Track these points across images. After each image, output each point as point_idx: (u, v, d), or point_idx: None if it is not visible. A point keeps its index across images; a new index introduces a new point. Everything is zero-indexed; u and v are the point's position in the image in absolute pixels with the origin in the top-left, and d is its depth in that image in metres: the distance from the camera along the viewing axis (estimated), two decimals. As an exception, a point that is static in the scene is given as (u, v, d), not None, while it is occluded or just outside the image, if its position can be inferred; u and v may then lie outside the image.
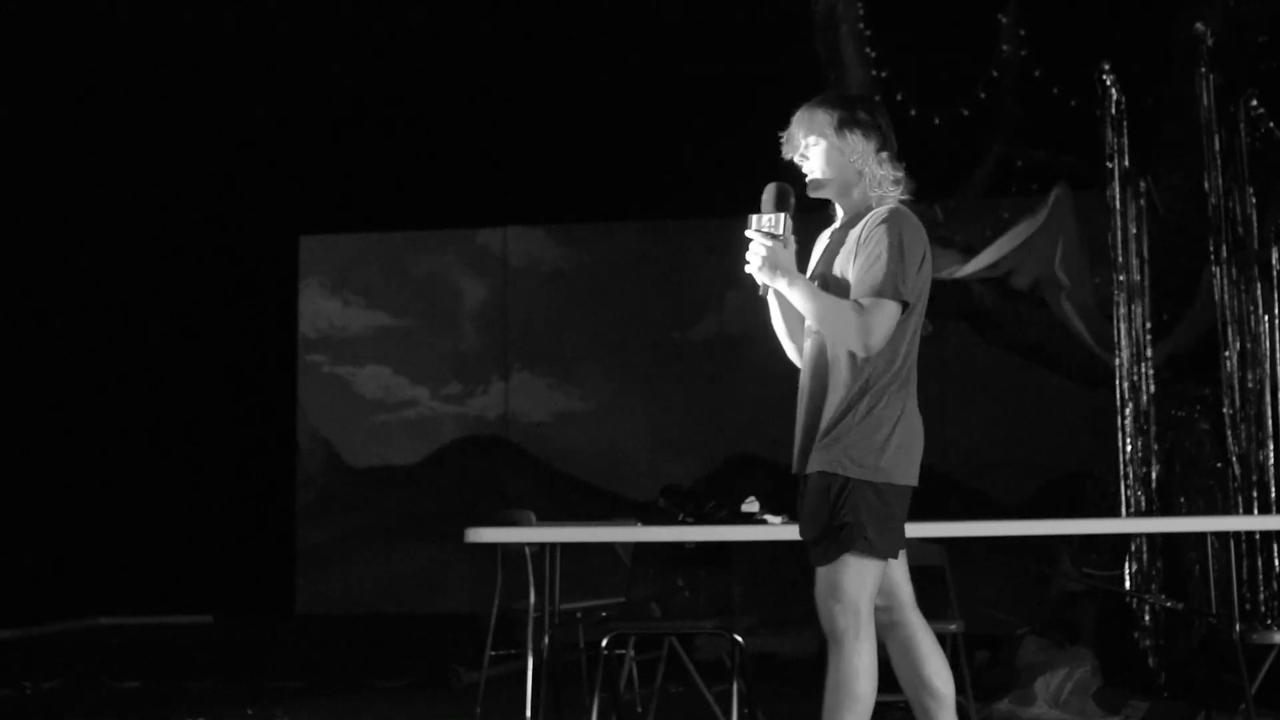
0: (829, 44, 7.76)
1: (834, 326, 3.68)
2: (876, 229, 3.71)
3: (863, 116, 3.85)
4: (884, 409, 3.69)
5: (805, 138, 3.88)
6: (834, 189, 3.89)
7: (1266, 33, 7.23)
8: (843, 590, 3.65)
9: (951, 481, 10.38)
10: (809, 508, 3.70)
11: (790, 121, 3.92)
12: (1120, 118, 6.90)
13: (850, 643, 3.66)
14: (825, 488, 3.65)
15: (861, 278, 3.68)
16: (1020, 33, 8.09)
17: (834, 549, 3.64)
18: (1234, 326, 6.73)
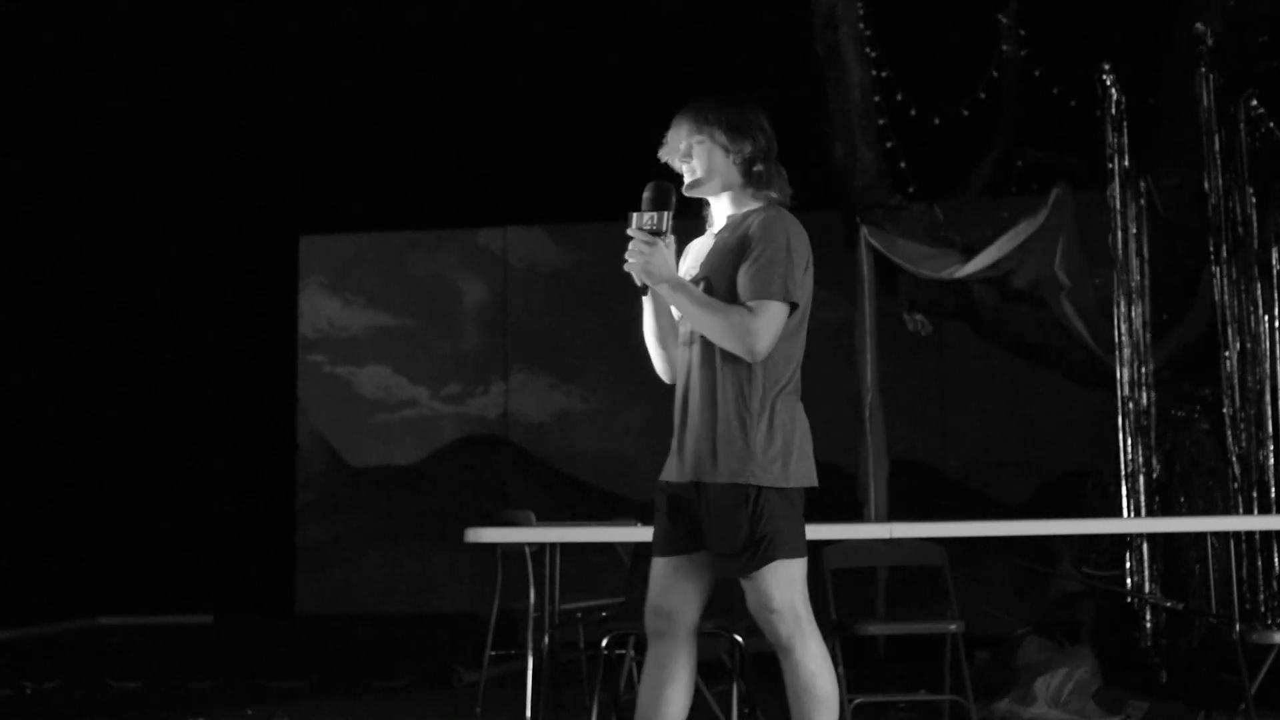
0: (829, 44, 7.76)
1: (720, 330, 3.61)
2: (763, 231, 3.68)
3: (750, 118, 3.87)
4: (781, 414, 3.68)
5: (690, 137, 3.84)
6: (716, 189, 3.85)
7: (1266, 33, 7.23)
8: (775, 599, 3.63)
9: (951, 481, 10.38)
10: (721, 521, 3.62)
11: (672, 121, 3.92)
12: (1120, 118, 6.90)
13: (799, 647, 3.64)
14: (740, 500, 3.61)
15: (749, 280, 3.64)
16: (1020, 33, 8.09)
17: (759, 559, 3.61)
18: (1234, 326, 6.73)
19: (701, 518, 3.67)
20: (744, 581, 3.65)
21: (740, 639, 5.13)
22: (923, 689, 6.13)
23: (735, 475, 3.61)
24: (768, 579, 3.61)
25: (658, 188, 3.76)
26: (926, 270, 7.50)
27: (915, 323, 7.88)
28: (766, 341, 3.60)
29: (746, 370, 3.64)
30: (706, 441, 3.65)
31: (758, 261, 3.64)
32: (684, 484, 3.68)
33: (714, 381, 3.66)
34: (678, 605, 3.78)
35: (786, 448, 3.66)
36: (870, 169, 7.78)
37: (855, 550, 5.72)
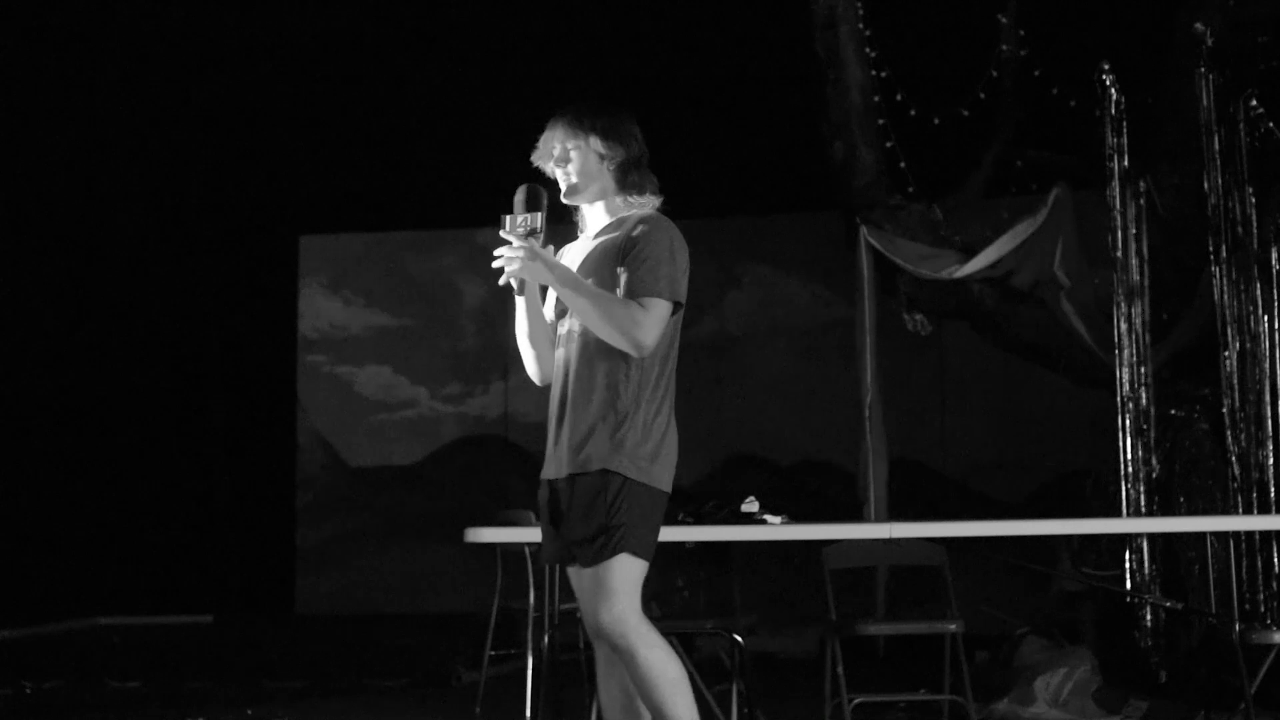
0: (829, 44, 7.76)
1: (608, 322, 3.61)
2: (645, 233, 3.70)
3: (624, 125, 3.86)
4: (656, 415, 3.68)
5: (566, 143, 3.83)
6: (592, 195, 3.85)
7: (1266, 33, 7.23)
8: (614, 591, 3.60)
9: (951, 481, 10.38)
10: (581, 506, 3.64)
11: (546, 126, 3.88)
12: (1120, 118, 6.90)
13: (634, 639, 3.60)
14: (603, 487, 3.61)
15: (633, 277, 3.65)
16: (1020, 33, 8.09)
17: (608, 549, 3.60)
18: (1234, 326, 6.73)
19: (560, 514, 3.72)
20: (586, 572, 3.63)
21: (740, 639, 5.13)
22: (923, 689, 6.13)
23: (604, 463, 3.62)
24: (614, 570, 3.60)
25: (530, 190, 3.78)
26: (926, 270, 7.51)
27: (915, 323, 7.88)
28: (653, 336, 3.62)
29: (623, 367, 3.65)
30: (581, 435, 3.67)
31: (643, 260, 3.67)
32: (561, 479, 3.71)
33: (591, 378, 3.68)
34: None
35: (655, 449, 3.66)
36: (870, 169, 7.78)
37: (855, 550, 5.72)
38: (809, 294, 11.01)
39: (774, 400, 11.05)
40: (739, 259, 11.29)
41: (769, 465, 10.94)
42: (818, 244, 9.96)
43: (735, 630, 5.14)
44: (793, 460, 10.88)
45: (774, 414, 11.03)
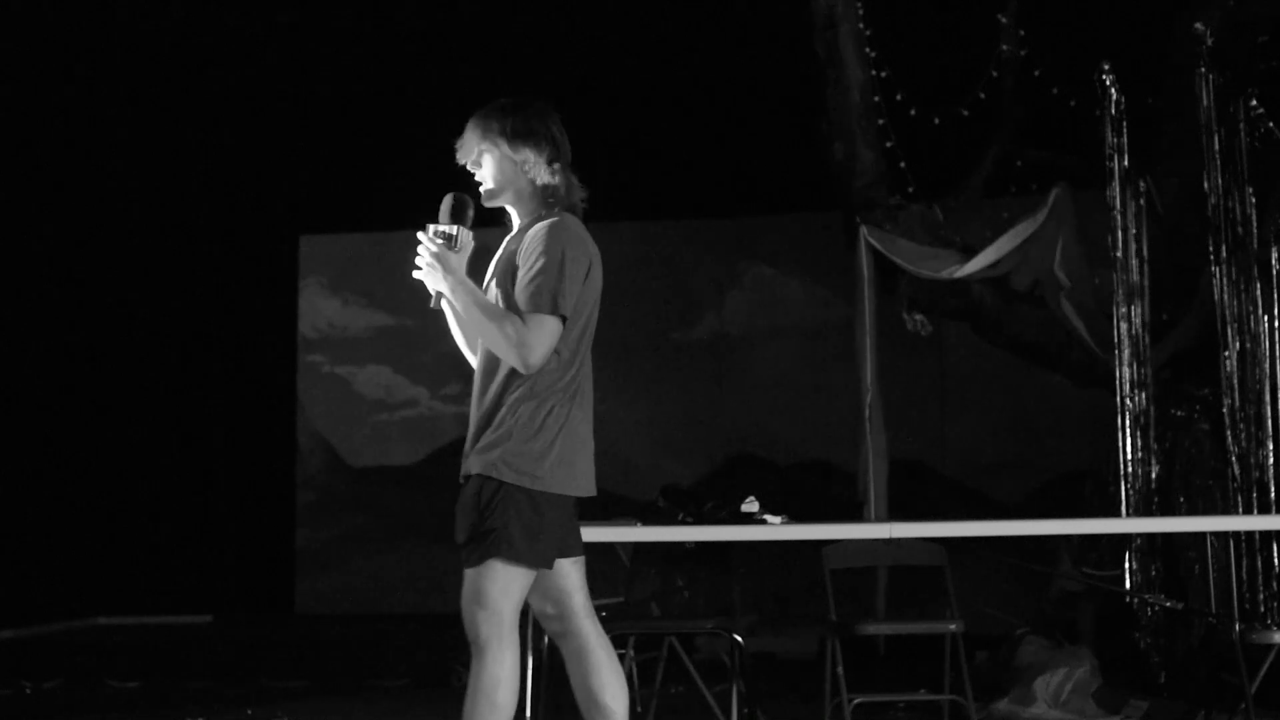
0: (829, 44, 7.76)
1: (494, 339, 3.66)
2: (539, 242, 3.70)
3: (536, 126, 3.90)
4: (548, 417, 3.68)
5: (478, 146, 3.84)
6: (508, 198, 3.86)
7: (1266, 33, 7.23)
8: (486, 596, 3.67)
9: (951, 481, 10.38)
10: (461, 510, 3.71)
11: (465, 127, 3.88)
12: (1120, 118, 6.90)
13: (494, 651, 3.66)
14: (478, 491, 3.68)
15: (520, 292, 3.67)
16: (1020, 33, 8.09)
17: (480, 553, 3.66)
18: (1234, 326, 6.73)
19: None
20: (466, 571, 3.72)
21: (740, 639, 5.13)
22: (923, 689, 6.13)
23: (483, 468, 3.69)
24: (485, 575, 3.66)
25: (456, 200, 3.80)
26: (926, 270, 7.50)
27: (915, 323, 7.88)
28: (539, 355, 3.63)
29: (515, 377, 3.69)
30: (470, 439, 3.75)
31: (531, 274, 3.67)
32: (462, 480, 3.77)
33: (486, 385, 3.73)
34: (556, 594, 3.81)
35: (545, 450, 3.68)
36: (870, 169, 7.78)
37: (855, 550, 5.72)
38: (809, 294, 11.01)
39: (774, 400, 11.05)
40: (739, 259, 11.29)
41: (769, 465, 10.94)
42: (818, 244, 9.96)
43: (735, 630, 5.14)
44: (793, 460, 10.87)
45: (774, 414, 11.03)
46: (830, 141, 7.83)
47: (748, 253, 11.26)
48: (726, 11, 9.60)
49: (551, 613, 3.83)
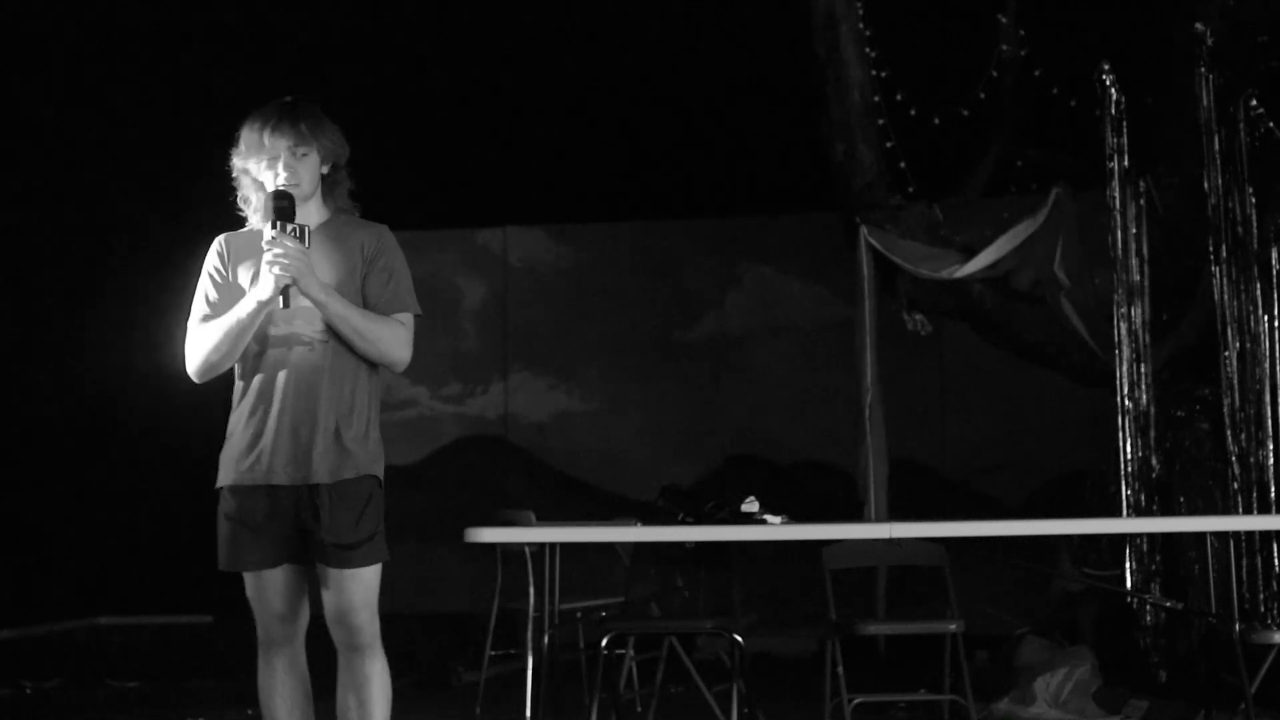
0: (829, 44, 7.76)
1: (376, 341, 3.72)
2: (383, 244, 3.83)
3: (335, 129, 3.95)
4: (378, 417, 3.87)
5: (295, 148, 3.83)
6: (306, 197, 3.88)
7: (1266, 33, 7.23)
8: (374, 591, 3.86)
9: (951, 481, 10.37)
10: (353, 511, 3.78)
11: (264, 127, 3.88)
12: (1120, 118, 6.90)
13: (378, 646, 3.89)
14: (370, 493, 3.80)
15: (385, 293, 3.77)
16: (1020, 33, 8.09)
17: (374, 554, 3.83)
18: (1234, 326, 6.73)
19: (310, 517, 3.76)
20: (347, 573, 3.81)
21: (740, 639, 5.13)
22: (923, 689, 6.13)
23: (370, 469, 3.81)
24: (375, 576, 3.89)
25: (286, 197, 3.79)
26: (926, 270, 7.50)
27: (915, 323, 7.88)
28: (410, 351, 3.79)
29: (373, 376, 3.81)
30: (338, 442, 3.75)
31: (392, 275, 3.79)
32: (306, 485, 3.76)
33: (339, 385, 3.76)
34: (299, 603, 3.92)
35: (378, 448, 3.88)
36: (870, 169, 7.78)
37: (855, 550, 5.72)
38: (809, 294, 10.99)
39: (774, 400, 11.03)
40: (739, 259, 11.28)
41: (769, 465, 10.93)
42: (818, 244, 9.95)
43: (735, 630, 5.14)
44: (793, 460, 10.86)
45: (774, 414, 11.02)
46: (830, 141, 7.83)
47: (748, 253, 11.25)
48: (726, 11, 9.60)
49: (288, 616, 3.91)
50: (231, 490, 3.75)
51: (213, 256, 3.87)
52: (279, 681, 3.78)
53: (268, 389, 3.77)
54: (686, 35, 10.02)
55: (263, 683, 3.79)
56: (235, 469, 3.79)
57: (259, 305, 3.70)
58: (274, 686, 3.76)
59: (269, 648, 3.78)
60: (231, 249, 3.85)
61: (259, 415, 3.77)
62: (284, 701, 3.77)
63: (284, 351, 3.76)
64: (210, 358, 3.78)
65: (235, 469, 3.79)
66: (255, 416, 3.78)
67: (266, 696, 3.77)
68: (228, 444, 3.78)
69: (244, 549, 3.80)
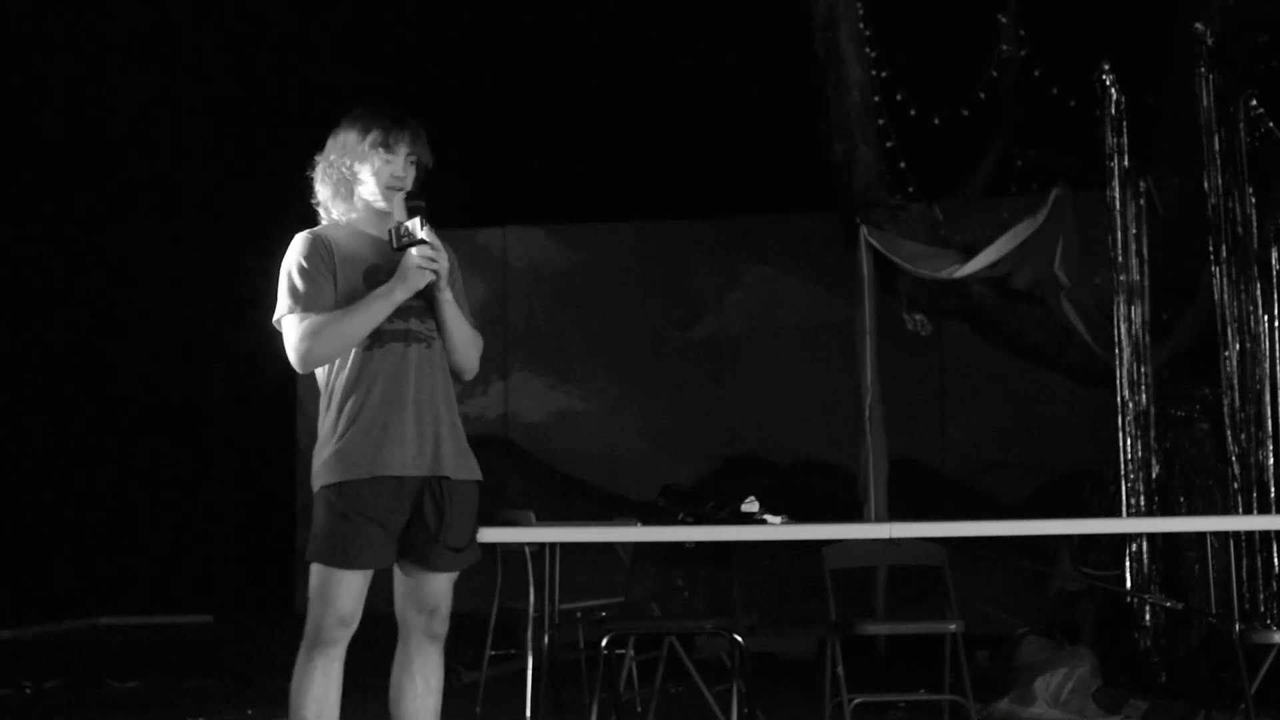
0: (829, 44, 7.76)
1: (475, 348, 3.94)
2: (454, 259, 3.90)
3: None
4: None
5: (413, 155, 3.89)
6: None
7: (1266, 33, 7.23)
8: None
9: (951, 481, 10.38)
10: (467, 513, 3.83)
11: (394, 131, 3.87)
12: (1120, 118, 6.90)
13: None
14: (476, 496, 3.85)
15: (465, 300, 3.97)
16: (1020, 33, 8.09)
17: (474, 556, 3.89)
18: (1234, 326, 6.73)
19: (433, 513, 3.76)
20: (444, 577, 3.85)
21: (740, 639, 5.13)
22: (923, 689, 6.13)
23: (476, 475, 3.87)
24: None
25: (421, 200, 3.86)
26: (926, 270, 7.50)
27: (915, 323, 7.88)
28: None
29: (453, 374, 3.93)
30: (457, 441, 3.84)
31: (461, 289, 3.97)
32: (434, 478, 3.77)
33: (447, 385, 3.90)
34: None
35: None
36: (870, 169, 7.78)
37: (855, 550, 5.73)
38: (809, 294, 11.00)
39: (774, 400, 11.04)
40: (739, 259, 11.29)
41: (769, 465, 10.94)
42: (818, 244, 9.95)
43: (735, 630, 5.14)
44: (793, 460, 10.87)
45: (774, 414, 11.03)
46: (830, 141, 7.83)
47: (748, 253, 11.25)
48: (726, 11, 9.60)
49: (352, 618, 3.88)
50: (357, 484, 3.69)
51: (313, 251, 3.83)
52: (329, 684, 3.75)
53: (394, 383, 3.76)
54: (686, 35, 10.03)
55: (302, 683, 3.70)
56: (360, 461, 3.70)
57: (396, 301, 3.76)
58: (320, 689, 3.72)
59: (323, 648, 3.72)
60: (333, 245, 3.84)
61: (385, 408, 3.74)
62: (330, 706, 3.75)
63: (403, 346, 3.79)
64: (339, 347, 3.75)
65: (360, 461, 3.70)
66: (381, 409, 3.74)
67: (311, 698, 3.69)
68: (345, 438, 3.70)
69: (365, 545, 3.72)
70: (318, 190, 3.93)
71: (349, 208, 3.89)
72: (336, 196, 3.88)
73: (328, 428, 3.75)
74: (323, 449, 3.74)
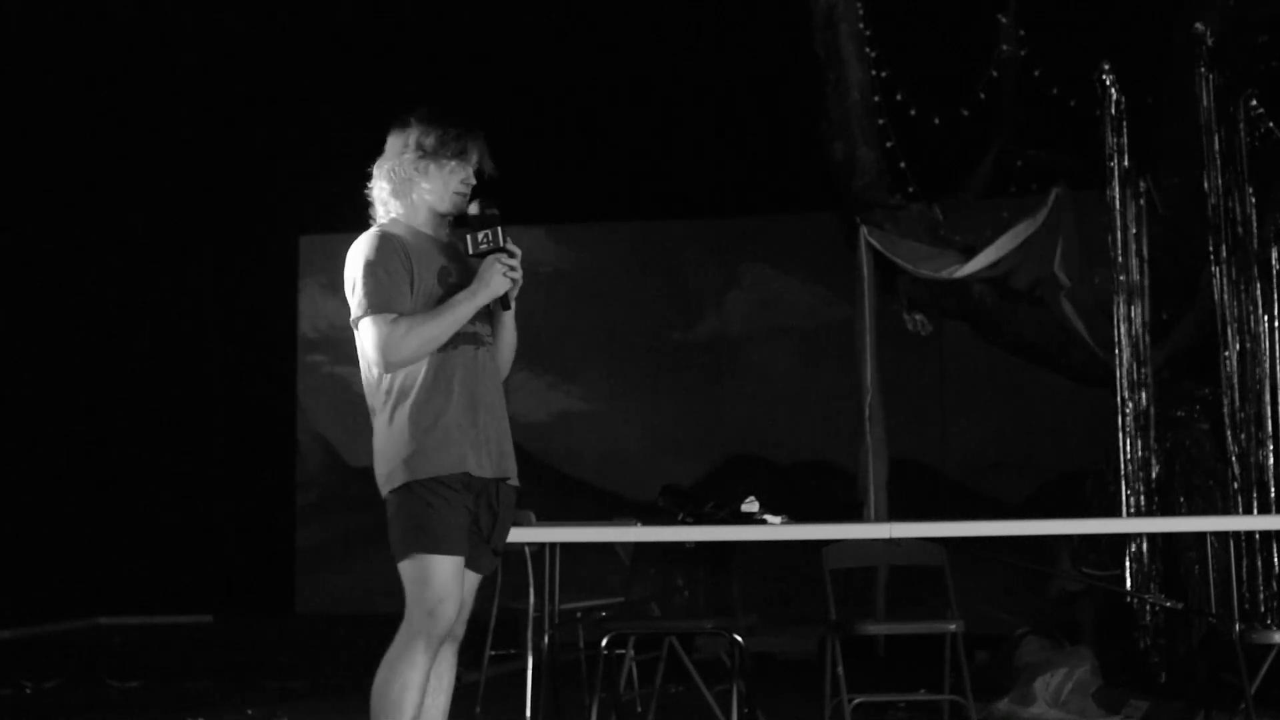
0: (829, 44, 7.76)
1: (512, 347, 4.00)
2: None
3: None
4: None
5: (483, 161, 3.95)
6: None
7: (1266, 33, 7.23)
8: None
9: (951, 481, 10.38)
10: (509, 515, 3.90)
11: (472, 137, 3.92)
12: (1120, 118, 6.90)
13: None
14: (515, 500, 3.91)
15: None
16: (1020, 33, 8.09)
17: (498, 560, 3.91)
18: (1234, 326, 6.73)
19: (487, 514, 3.82)
20: (475, 579, 3.89)
21: (740, 639, 5.13)
22: (923, 689, 6.13)
23: (516, 479, 3.93)
24: None
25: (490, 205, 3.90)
26: (926, 270, 7.51)
27: (915, 323, 7.88)
28: None
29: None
30: (508, 443, 3.88)
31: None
32: (491, 481, 3.80)
33: (500, 388, 3.92)
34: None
35: None
36: (870, 169, 7.78)
37: (855, 550, 5.72)
38: (809, 294, 11.01)
39: (774, 400, 11.04)
40: (739, 259, 11.29)
41: (769, 465, 10.94)
42: (818, 244, 9.96)
43: (735, 630, 5.14)
44: (793, 460, 10.88)
45: (774, 414, 11.03)
46: (830, 141, 7.83)
47: (748, 253, 11.26)
48: (727, 11, 9.60)
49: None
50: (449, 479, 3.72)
51: (391, 251, 3.82)
52: (440, 679, 3.79)
53: (466, 385, 3.78)
54: (686, 35, 10.02)
55: (418, 680, 3.73)
56: (447, 460, 3.72)
57: (478, 306, 3.80)
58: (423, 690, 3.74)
59: (434, 643, 3.76)
60: (408, 246, 3.84)
61: (462, 409, 3.76)
62: (442, 699, 3.77)
63: (473, 349, 3.82)
64: (427, 349, 3.75)
65: (447, 460, 3.72)
66: (459, 410, 3.76)
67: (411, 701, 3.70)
68: (431, 435, 3.71)
69: (461, 534, 3.76)
70: (376, 186, 3.92)
71: (408, 207, 3.88)
72: (396, 195, 3.87)
73: (405, 426, 3.72)
74: (403, 446, 3.71)
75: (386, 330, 3.72)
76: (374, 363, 3.74)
